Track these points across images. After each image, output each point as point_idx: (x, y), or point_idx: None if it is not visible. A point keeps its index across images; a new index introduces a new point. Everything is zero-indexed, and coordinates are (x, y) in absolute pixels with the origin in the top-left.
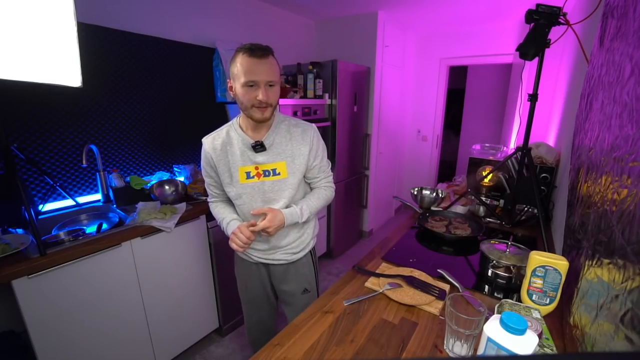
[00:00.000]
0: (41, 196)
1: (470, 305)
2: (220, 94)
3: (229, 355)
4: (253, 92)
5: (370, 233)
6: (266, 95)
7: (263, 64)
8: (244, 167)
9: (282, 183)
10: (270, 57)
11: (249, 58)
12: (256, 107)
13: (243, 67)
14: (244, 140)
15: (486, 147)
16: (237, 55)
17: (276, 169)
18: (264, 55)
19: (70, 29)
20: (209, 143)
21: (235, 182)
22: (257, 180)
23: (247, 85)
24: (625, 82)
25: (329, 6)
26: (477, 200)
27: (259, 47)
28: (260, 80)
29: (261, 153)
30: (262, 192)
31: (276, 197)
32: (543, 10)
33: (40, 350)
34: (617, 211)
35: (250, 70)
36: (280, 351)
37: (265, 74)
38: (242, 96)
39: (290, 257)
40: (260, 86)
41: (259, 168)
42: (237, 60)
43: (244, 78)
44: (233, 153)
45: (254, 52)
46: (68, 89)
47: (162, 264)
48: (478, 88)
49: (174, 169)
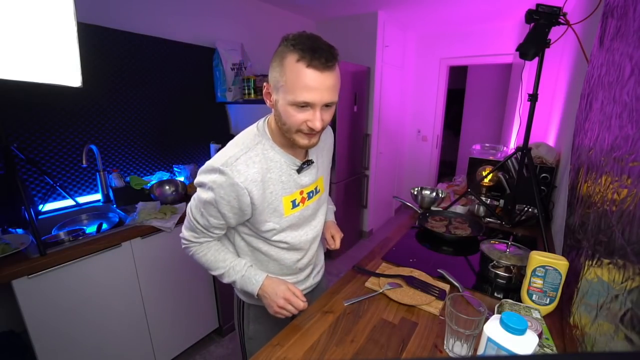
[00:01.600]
0: (41, 196)
1: (470, 305)
2: (220, 94)
3: (229, 355)
4: (303, 115)
5: (370, 233)
6: (321, 122)
7: (326, 78)
8: (289, 196)
9: (321, 201)
10: (336, 68)
11: (308, 69)
12: (304, 133)
13: (298, 79)
14: (287, 161)
15: (486, 147)
16: (285, 54)
17: (317, 187)
18: (330, 66)
19: (70, 29)
20: (242, 172)
21: (278, 218)
22: (302, 207)
23: (295, 105)
24: (625, 82)
25: (329, 6)
26: (477, 200)
27: (324, 52)
28: (317, 102)
29: (305, 172)
30: (303, 218)
31: (314, 217)
32: (543, 10)
33: (40, 350)
34: (617, 211)
35: (307, 87)
36: (280, 351)
37: (327, 93)
38: (287, 117)
39: (318, 277)
40: (316, 109)
41: (304, 192)
42: (286, 65)
43: (296, 96)
44: (275, 181)
45: (318, 60)
46: (68, 89)
47: (162, 263)
48: (478, 88)
49: (174, 169)
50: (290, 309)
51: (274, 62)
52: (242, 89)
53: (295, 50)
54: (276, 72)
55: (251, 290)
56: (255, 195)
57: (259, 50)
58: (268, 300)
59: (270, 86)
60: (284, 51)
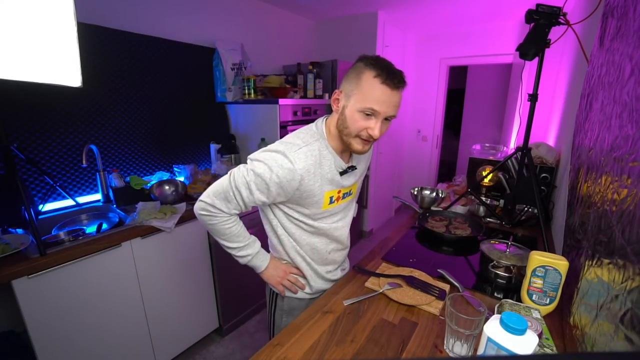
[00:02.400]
0: (41, 196)
1: (470, 305)
2: (220, 94)
3: (229, 355)
4: (366, 122)
5: (370, 233)
6: (380, 132)
7: (394, 96)
8: (329, 192)
9: (351, 203)
10: (402, 90)
11: (381, 85)
12: (361, 138)
13: (372, 91)
14: (336, 162)
15: (486, 147)
16: (363, 69)
17: (351, 190)
18: (399, 87)
19: (70, 29)
20: (302, 160)
21: (316, 209)
22: (336, 205)
23: (362, 112)
24: (625, 82)
25: (329, 6)
26: (477, 200)
27: (397, 75)
28: (382, 113)
29: (346, 176)
30: (335, 215)
31: (344, 217)
32: (543, 10)
33: (40, 350)
34: (617, 211)
35: (378, 99)
36: (280, 351)
37: (392, 107)
38: (352, 121)
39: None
40: (378, 119)
41: (341, 192)
42: (361, 77)
43: (366, 104)
44: (323, 176)
45: (391, 80)
46: (68, 89)
47: (162, 263)
48: (478, 88)
49: (174, 169)
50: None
51: (350, 75)
52: (242, 89)
53: (375, 67)
54: (352, 83)
55: (259, 264)
56: (305, 183)
57: (259, 50)
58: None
59: (342, 93)
60: (363, 67)
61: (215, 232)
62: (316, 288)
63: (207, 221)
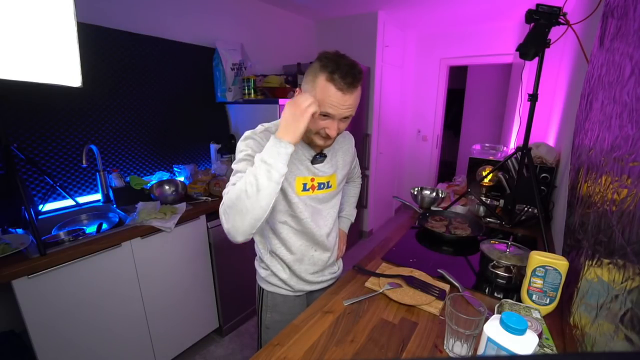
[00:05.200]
0: (41, 196)
1: (470, 305)
2: (220, 94)
3: (229, 355)
4: (323, 122)
5: (370, 233)
6: (337, 130)
7: (347, 99)
8: (302, 178)
9: (330, 196)
10: (358, 89)
11: (332, 88)
12: (321, 136)
13: (322, 95)
14: (303, 149)
15: (486, 147)
16: (318, 73)
17: (329, 182)
18: (354, 87)
19: (70, 29)
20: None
21: (292, 194)
22: (312, 193)
23: (320, 114)
24: (625, 82)
25: (329, 6)
26: (477, 200)
27: (349, 77)
28: (337, 116)
29: (318, 165)
30: (312, 206)
31: (324, 210)
32: (543, 10)
33: (40, 350)
34: (617, 211)
35: (332, 104)
36: (280, 351)
37: (346, 109)
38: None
39: (335, 275)
40: (335, 120)
41: (315, 180)
42: (316, 82)
43: (321, 108)
44: (291, 161)
45: (341, 82)
46: (68, 89)
47: (162, 263)
48: (478, 88)
49: (174, 169)
50: None
51: (308, 75)
52: (242, 89)
53: (327, 68)
54: (309, 85)
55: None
56: None
57: (259, 50)
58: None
59: (301, 92)
60: (318, 69)
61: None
62: (298, 288)
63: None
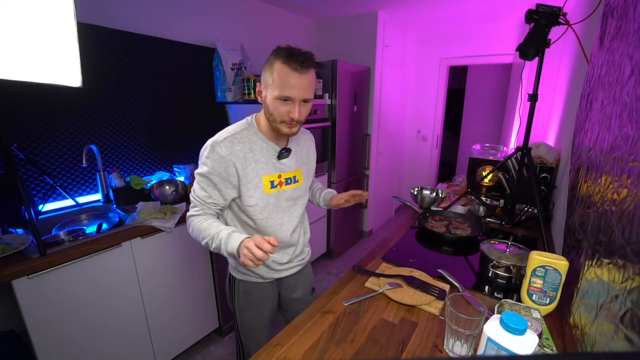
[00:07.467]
0: (41, 196)
1: (470, 305)
2: (220, 94)
3: (229, 355)
4: (285, 107)
5: (370, 233)
6: (299, 114)
7: (302, 78)
8: (269, 176)
9: (299, 190)
10: (311, 71)
11: (287, 69)
12: (286, 123)
13: (280, 78)
14: (268, 147)
15: (486, 147)
16: (273, 61)
17: (296, 176)
18: (305, 68)
19: (70, 29)
20: (227, 147)
21: (260, 193)
22: (280, 189)
23: (280, 99)
24: (625, 82)
25: (329, 6)
26: (477, 200)
27: (300, 57)
28: (296, 97)
29: (284, 160)
30: (282, 201)
31: (294, 205)
32: (543, 10)
33: (40, 350)
34: (617, 211)
35: (287, 84)
36: (280, 351)
37: (303, 90)
38: (273, 109)
39: (303, 261)
40: (295, 103)
41: (282, 176)
42: (273, 68)
43: (278, 91)
44: (257, 160)
45: (294, 62)
46: (68, 89)
47: (162, 263)
48: (478, 88)
49: (174, 169)
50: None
51: (266, 67)
52: (242, 89)
53: (280, 55)
54: (267, 73)
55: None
56: (239, 168)
57: (259, 50)
58: None
59: (262, 85)
60: (273, 58)
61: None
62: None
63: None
